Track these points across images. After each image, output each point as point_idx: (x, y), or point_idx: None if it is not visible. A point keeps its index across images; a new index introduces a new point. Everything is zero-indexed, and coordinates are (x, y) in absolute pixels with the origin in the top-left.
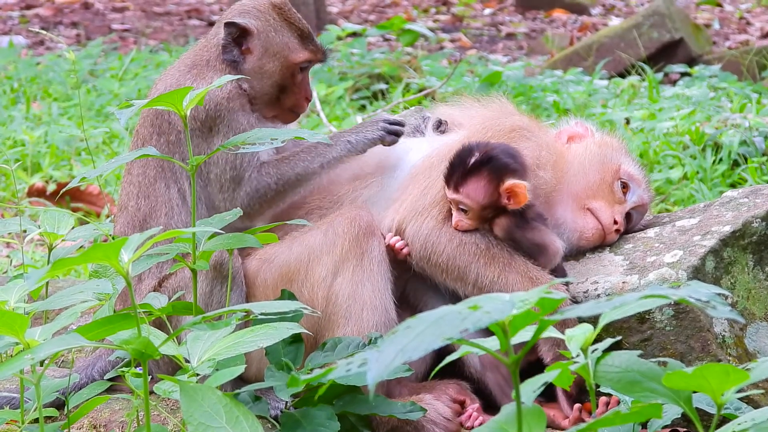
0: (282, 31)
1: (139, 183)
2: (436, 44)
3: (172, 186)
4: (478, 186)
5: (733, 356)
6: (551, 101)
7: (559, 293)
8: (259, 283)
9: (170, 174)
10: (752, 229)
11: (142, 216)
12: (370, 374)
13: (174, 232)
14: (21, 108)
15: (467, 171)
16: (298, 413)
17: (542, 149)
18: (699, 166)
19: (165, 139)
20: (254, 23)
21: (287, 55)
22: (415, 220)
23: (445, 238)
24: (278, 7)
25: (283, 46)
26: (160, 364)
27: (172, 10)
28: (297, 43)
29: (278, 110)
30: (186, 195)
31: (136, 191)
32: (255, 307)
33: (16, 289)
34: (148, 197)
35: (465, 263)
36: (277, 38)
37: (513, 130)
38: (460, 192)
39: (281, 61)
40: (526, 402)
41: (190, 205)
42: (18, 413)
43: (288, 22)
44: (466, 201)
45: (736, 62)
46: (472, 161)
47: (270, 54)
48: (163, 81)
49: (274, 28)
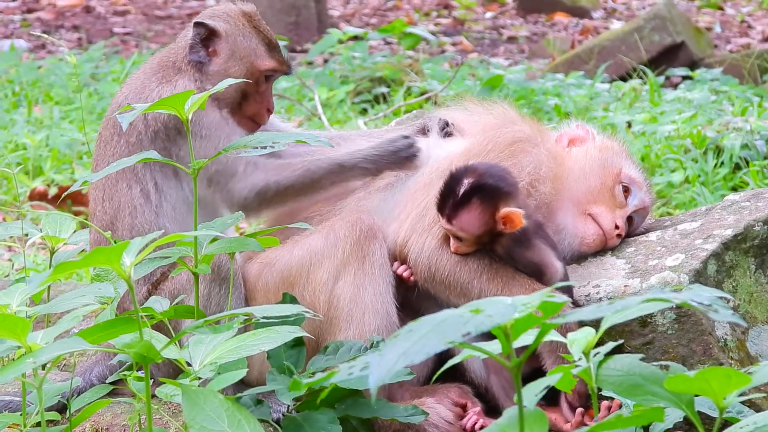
0: (250, 38)
1: (103, 186)
2: (438, 48)
3: (134, 186)
4: (471, 217)
5: (735, 360)
6: (552, 105)
7: (561, 297)
8: (260, 286)
9: (131, 174)
10: (754, 232)
11: (108, 219)
12: (372, 378)
13: (176, 235)
14: (22, 111)
15: (458, 203)
16: (300, 417)
17: (542, 163)
18: (700, 169)
19: (125, 141)
20: (223, 26)
21: (253, 61)
22: (416, 240)
23: (447, 256)
24: (248, 15)
25: (250, 51)
26: (161, 368)
27: (174, 14)
28: (264, 51)
29: (239, 117)
30: (149, 194)
31: (101, 195)
32: (257, 311)
33: (18, 293)
34: (112, 199)
35: (467, 280)
36: (245, 43)
37: (514, 142)
38: (453, 225)
39: (247, 66)
40: (528, 405)
41: (155, 203)
42: (20, 417)
43: (257, 30)
44: (460, 233)
45: (738, 65)
46: (462, 191)
47: (236, 58)
48: (128, 84)
49: (243, 34)
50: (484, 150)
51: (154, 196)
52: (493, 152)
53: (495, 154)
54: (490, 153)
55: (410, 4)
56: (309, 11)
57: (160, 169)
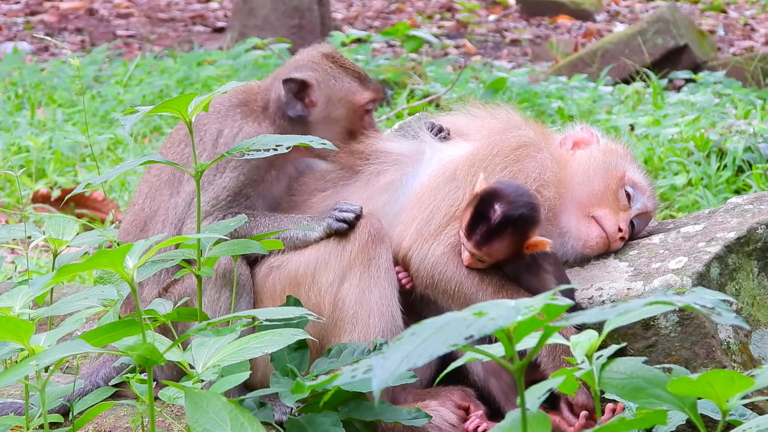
0: (341, 78)
1: (151, 184)
2: (441, 50)
3: (175, 195)
4: (502, 246)
5: (738, 363)
6: (556, 107)
7: (564, 299)
8: (267, 288)
9: (177, 184)
10: (757, 235)
11: (144, 216)
12: (376, 381)
13: (179, 238)
14: (25, 114)
15: (492, 231)
16: (303, 419)
17: (546, 168)
18: (703, 172)
19: (189, 152)
20: (312, 75)
21: (352, 99)
22: (420, 246)
23: (453, 266)
24: (331, 57)
25: (346, 91)
26: (164, 370)
27: (177, 17)
28: (358, 86)
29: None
30: (178, 209)
31: (146, 191)
32: (260, 314)
33: (21, 295)
34: (154, 199)
35: (472, 291)
36: (338, 85)
37: (519, 147)
38: (482, 250)
39: (347, 106)
40: (531, 408)
41: (180, 219)
42: (23, 419)
43: (344, 68)
44: (486, 258)
45: (741, 68)
46: (496, 221)
47: (334, 101)
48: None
49: (333, 76)
50: (489, 154)
51: (180, 212)
52: (498, 157)
53: (501, 159)
54: (496, 158)
55: (413, 6)
56: (312, 14)
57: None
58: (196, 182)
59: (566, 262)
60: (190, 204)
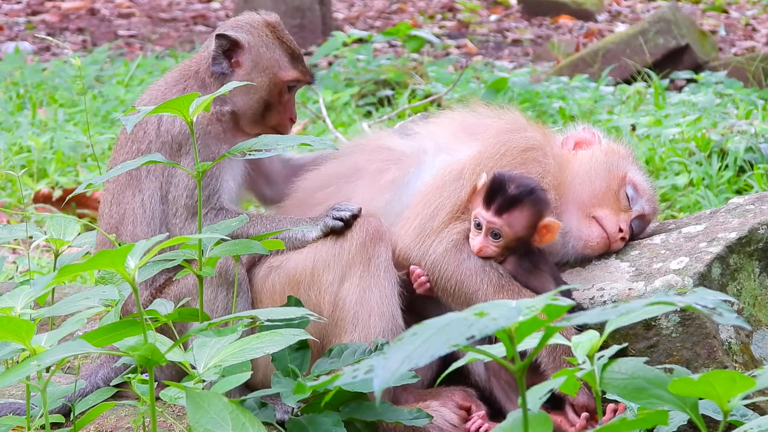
0: (273, 48)
1: (113, 190)
2: (442, 50)
3: (137, 195)
4: (522, 215)
5: (739, 363)
6: (557, 108)
7: (566, 300)
8: (266, 288)
9: (136, 182)
10: (758, 235)
11: (114, 223)
12: (377, 381)
13: (182, 238)
14: (27, 114)
15: (512, 199)
16: (304, 420)
17: (548, 173)
18: (705, 172)
19: (137, 147)
20: (246, 37)
21: (276, 72)
22: (422, 243)
23: (455, 263)
24: (272, 25)
25: (273, 62)
26: (165, 371)
27: (178, 17)
28: (287, 62)
29: (261, 128)
30: (145, 206)
31: (110, 198)
32: (261, 314)
33: (22, 296)
34: (119, 204)
35: (473, 289)
36: (268, 54)
37: (527, 149)
38: (502, 218)
39: (270, 78)
40: (532, 409)
41: (149, 216)
42: (24, 420)
43: (280, 41)
44: (505, 228)
45: (742, 69)
46: (516, 191)
47: (259, 69)
48: (149, 93)
49: (266, 45)
50: (497, 154)
51: (149, 209)
52: (506, 157)
53: (508, 160)
54: (503, 158)
55: (415, 6)
56: (313, 14)
57: (161, 185)
58: (197, 182)
59: (567, 262)
60: (164, 201)
